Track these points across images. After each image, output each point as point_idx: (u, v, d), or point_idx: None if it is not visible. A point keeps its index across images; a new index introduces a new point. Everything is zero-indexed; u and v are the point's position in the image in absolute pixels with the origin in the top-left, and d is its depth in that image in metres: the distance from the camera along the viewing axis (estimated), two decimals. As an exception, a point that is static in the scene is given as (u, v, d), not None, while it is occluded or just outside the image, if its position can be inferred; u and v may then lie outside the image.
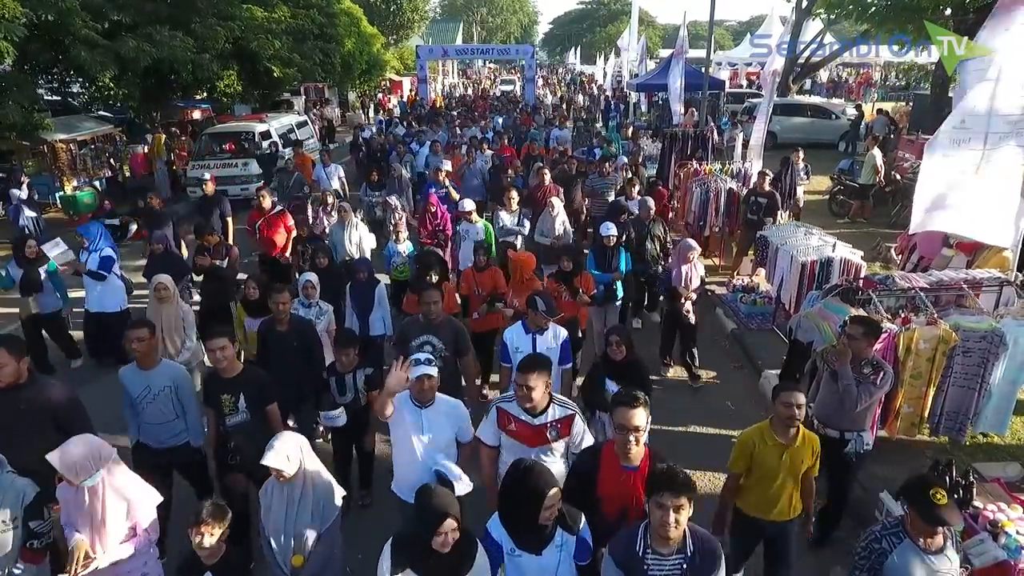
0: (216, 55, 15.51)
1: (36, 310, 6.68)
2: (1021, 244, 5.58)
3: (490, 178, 10.45)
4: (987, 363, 4.81)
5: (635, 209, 7.81)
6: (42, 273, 6.59)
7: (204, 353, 5.09)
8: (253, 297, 5.53)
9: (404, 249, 7.28)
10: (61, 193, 13.06)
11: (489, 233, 7.37)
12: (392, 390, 3.27)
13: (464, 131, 15.60)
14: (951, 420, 5.05)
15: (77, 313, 7.28)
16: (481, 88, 43.44)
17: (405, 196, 9.94)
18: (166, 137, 16.47)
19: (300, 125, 17.23)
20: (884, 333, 4.57)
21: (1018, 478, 4.61)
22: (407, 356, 4.43)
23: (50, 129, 12.94)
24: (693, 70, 16.62)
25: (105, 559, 3.12)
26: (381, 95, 33.56)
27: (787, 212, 9.47)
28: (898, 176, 12.19)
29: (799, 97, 22.65)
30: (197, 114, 20.69)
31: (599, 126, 20.95)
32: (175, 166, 15.73)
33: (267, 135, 15.02)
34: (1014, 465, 4.76)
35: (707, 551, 2.59)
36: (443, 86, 40.33)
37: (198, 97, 20.45)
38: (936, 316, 4.89)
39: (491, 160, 11.12)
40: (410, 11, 38.74)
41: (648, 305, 7.98)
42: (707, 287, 7.49)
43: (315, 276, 5.65)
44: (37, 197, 11.57)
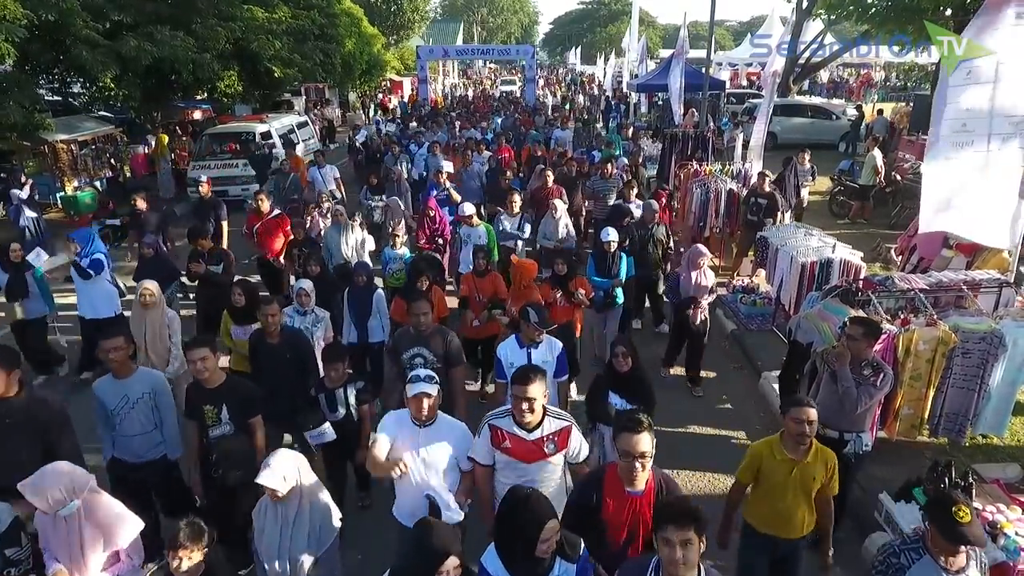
0: (217, 55, 15.51)
1: (23, 315, 6.52)
2: (1021, 245, 5.58)
3: (487, 180, 10.39)
4: (986, 364, 4.81)
5: (635, 212, 7.79)
6: (28, 278, 6.45)
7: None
8: (239, 304, 5.32)
9: (401, 254, 7.14)
10: (62, 193, 13.11)
11: (491, 237, 7.28)
12: (371, 465, 3.17)
13: (463, 132, 15.50)
14: (950, 421, 5.05)
15: (63, 318, 7.16)
16: (482, 88, 43.46)
17: (405, 199, 9.80)
18: (169, 138, 16.50)
19: (301, 125, 17.26)
20: (884, 334, 4.57)
21: (1017, 479, 4.62)
22: (402, 368, 4.35)
23: (51, 129, 12.94)
24: (693, 70, 16.63)
25: None
26: (381, 95, 33.59)
27: (790, 213, 9.46)
28: (898, 177, 12.19)
29: (799, 98, 22.64)
30: (198, 114, 20.74)
31: (599, 126, 20.95)
32: (179, 165, 15.75)
33: (267, 135, 15.02)
34: (1013, 466, 4.77)
35: None
36: (443, 86, 40.34)
37: (199, 97, 20.47)
38: (935, 317, 4.90)
39: (488, 162, 11.03)
40: (411, 11, 38.78)
41: (654, 317, 7.80)
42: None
43: (309, 284, 5.45)
44: (38, 197, 11.57)
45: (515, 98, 31.33)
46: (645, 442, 2.70)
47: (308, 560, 3.12)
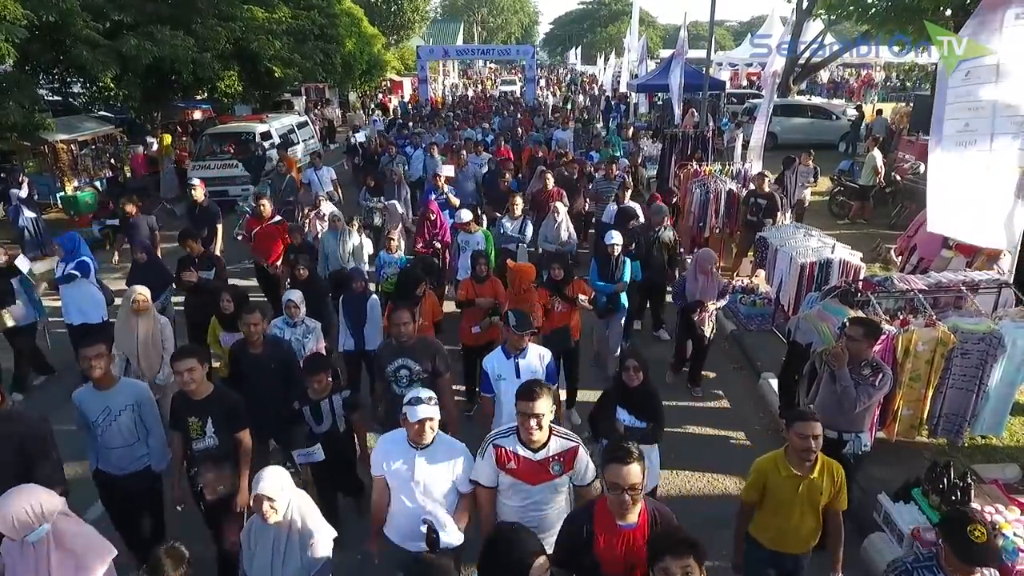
0: (217, 55, 15.53)
1: (12, 323, 6.32)
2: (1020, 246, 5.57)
3: (485, 182, 10.24)
4: (985, 365, 4.81)
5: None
6: (15, 284, 6.27)
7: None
8: (228, 311, 5.18)
9: (396, 259, 6.99)
10: (62, 193, 13.10)
11: (489, 242, 7.16)
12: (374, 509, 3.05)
13: (461, 132, 15.38)
14: (950, 422, 5.05)
15: (57, 323, 6.99)
16: (482, 88, 43.45)
17: (405, 201, 9.63)
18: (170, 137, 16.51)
19: (301, 125, 17.25)
20: (883, 335, 4.57)
21: (1016, 480, 4.62)
22: (387, 382, 4.24)
23: (51, 129, 12.94)
24: (693, 70, 16.63)
25: None
26: (381, 95, 33.60)
27: (790, 213, 9.46)
28: (898, 177, 12.19)
29: (799, 98, 22.65)
30: (198, 114, 20.75)
31: (599, 127, 20.94)
32: (180, 165, 15.75)
33: (267, 135, 15.02)
34: (1012, 467, 4.77)
35: None
36: (443, 86, 40.34)
37: (199, 97, 20.49)
38: (935, 318, 4.90)
39: (488, 164, 10.87)
40: (411, 11, 38.82)
41: (653, 321, 7.73)
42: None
43: (298, 294, 5.23)
44: (37, 197, 11.55)
45: (515, 98, 31.29)
46: (635, 474, 2.52)
47: None
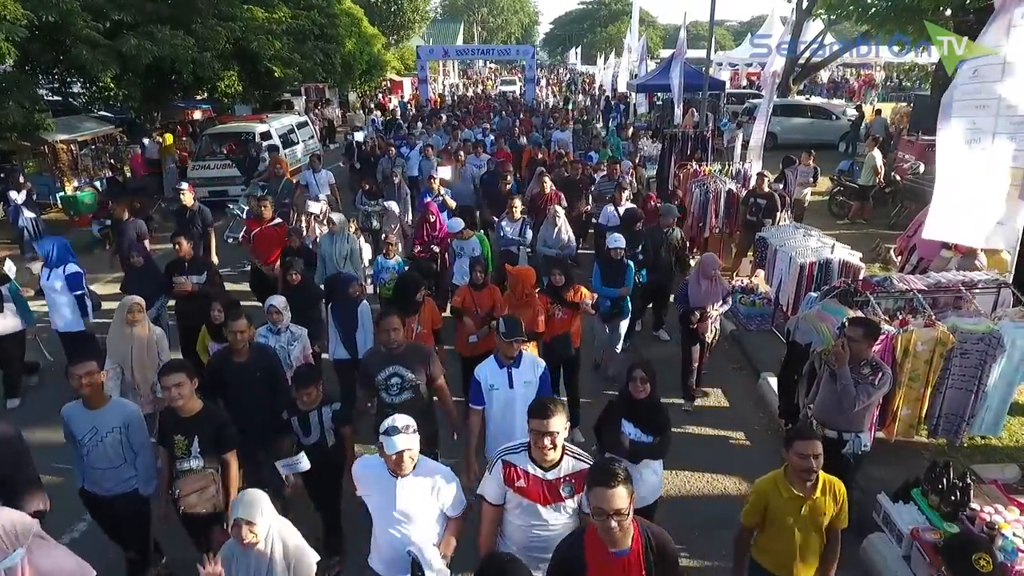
0: (217, 55, 15.53)
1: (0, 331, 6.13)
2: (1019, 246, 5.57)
3: (483, 183, 10.04)
4: (985, 365, 4.80)
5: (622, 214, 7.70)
6: (4, 291, 6.12)
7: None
8: (219, 320, 4.97)
9: (394, 264, 6.80)
10: (62, 193, 13.12)
11: (485, 247, 6.93)
12: None
13: (460, 133, 15.20)
14: (949, 422, 5.05)
15: (41, 328, 6.91)
16: (482, 88, 43.42)
17: (404, 203, 9.39)
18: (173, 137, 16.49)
19: (300, 125, 17.22)
20: (882, 335, 4.57)
21: (1015, 480, 4.61)
22: (376, 392, 4.06)
23: (51, 129, 12.95)
24: (693, 70, 16.63)
25: None
26: (381, 95, 33.60)
27: (789, 213, 9.46)
28: (898, 177, 12.19)
29: (799, 98, 22.66)
30: (198, 114, 20.76)
31: (599, 126, 20.94)
32: (182, 164, 15.73)
33: (267, 135, 15.00)
34: (1012, 467, 4.76)
35: None
36: (443, 86, 40.34)
37: (199, 97, 20.50)
38: (934, 318, 4.90)
39: (488, 165, 10.68)
40: (411, 11, 38.83)
41: (654, 322, 7.64)
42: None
43: (281, 300, 5.02)
44: (37, 197, 11.55)
45: (513, 99, 31.22)
46: (620, 498, 2.36)
47: None
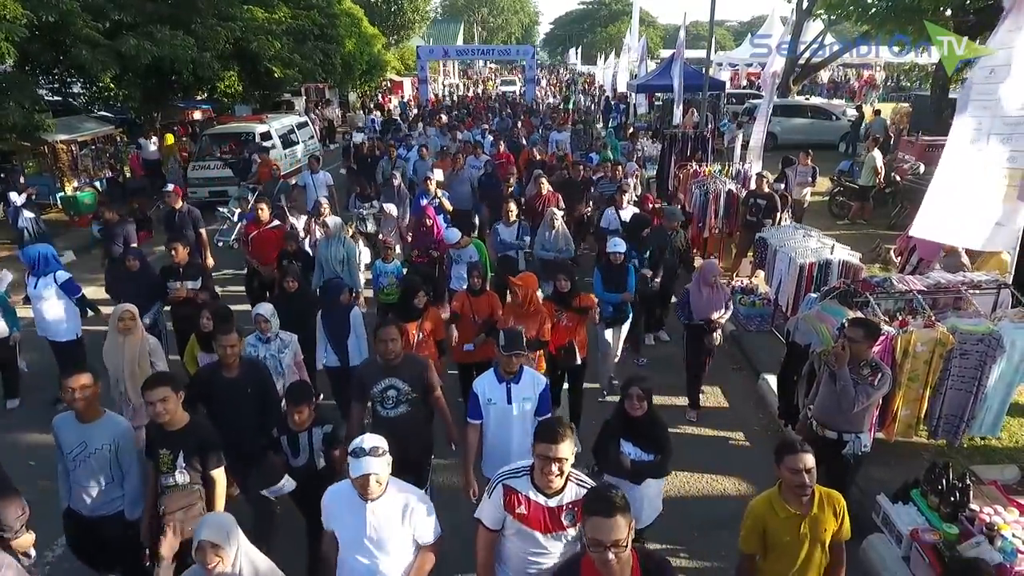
0: (217, 55, 15.52)
1: None
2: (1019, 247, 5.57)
3: (480, 185, 9.88)
4: (984, 366, 4.80)
5: (624, 217, 7.63)
6: None
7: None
8: (207, 329, 4.86)
9: (392, 268, 6.69)
10: (62, 194, 13.11)
11: (483, 253, 6.76)
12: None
13: (461, 134, 15.03)
14: (949, 423, 5.05)
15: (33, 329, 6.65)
16: (482, 88, 43.38)
17: (403, 206, 9.14)
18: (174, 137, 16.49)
19: (301, 126, 17.24)
20: (882, 335, 4.57)
21: (1015, 480, 4.62)
22: (368, 403, 3.92)
23: (51, 130, 12.94)
24: (693, 71, 16.63)
25: None
26: (381, 96, 33.59)
27: (788, 213, 9.46)
28: (898, 177, 12.19)
29: (799, 98, 22.66)
30: (198, 114, 20.76)
31: (599, 126, 20.93)
32: (183, 164, 15.74)
33: (267, 136, 15.01)
34: (1011, 468, 4.76)
35: None
36: (442, 87, 40.33)
37: (199, 98, 20.49)
38: (933, 319, 4.90)
39: (485, 167, 10.45)
40: (411, 11, 38.78)
41: (654, 323, 7.50)
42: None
43: (268, 308, 4.90)
44: (36, 198, 11.54)
45: (513, 99, 31.14)
46: (619, 528, 2.23)
47: None
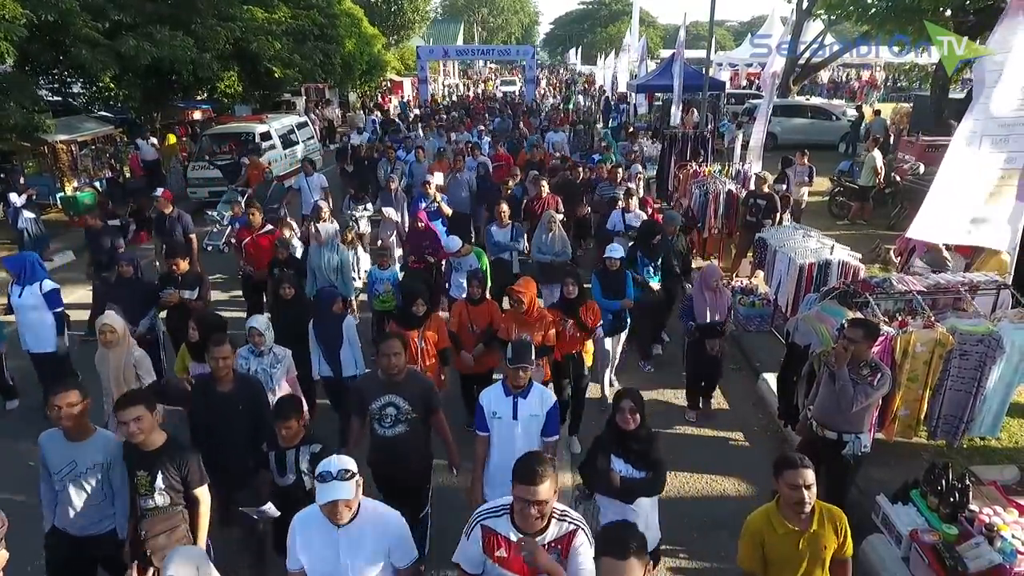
0: (217, 55, 15.52)
1: None
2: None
3: (478, 187, 9.74)
4: (984, 367, 4.80)
5: (635, 223, 7.50)
6: None
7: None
8: (193, 339, 4.73)
9: (389, 275, 6.53)
10: (62, 194, 13.11)
11: (483, 260, 6.61)
12: None
13: (458, 136, 14.86)
14: (948, 423, 5.04)
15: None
16: (484, 89, 43.32)
17: (400, 210, 9.01)
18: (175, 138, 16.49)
19: (301, 126, 17.24)
20: (881, 336, 4.57)
21: (1014, 481, 4.61)
22: (369, 421, 3.79)
23: (51, 130, 12.94)
24: (693, 71, 16.63)
25: None
26: (381, 96, 33.57)
27: (787, 212, 9.46)
28: (898, 178, 12.19)
29: (799, 98, 22.66)
30: (198, 115, 20.76)
31: (599, 126, 20.91)
32: (184, 164, 15.74)
33: (267, 136, 15.02)
34: (1011, 468, 4.76)
35: None
36: (442, 87, 40.31)
37: (199, 98, 20.49)
38: (933, 319, 4.89)
39: (479, 168, 10.28)
40: (411, 11, 38.76)
41: (654, 334, 7.23)
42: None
43: (263, 320, 4.74)
44: (36, 198, 11.53)
45: (513, 99, 31.09)
46: (633, 571, 2.15)
47: None
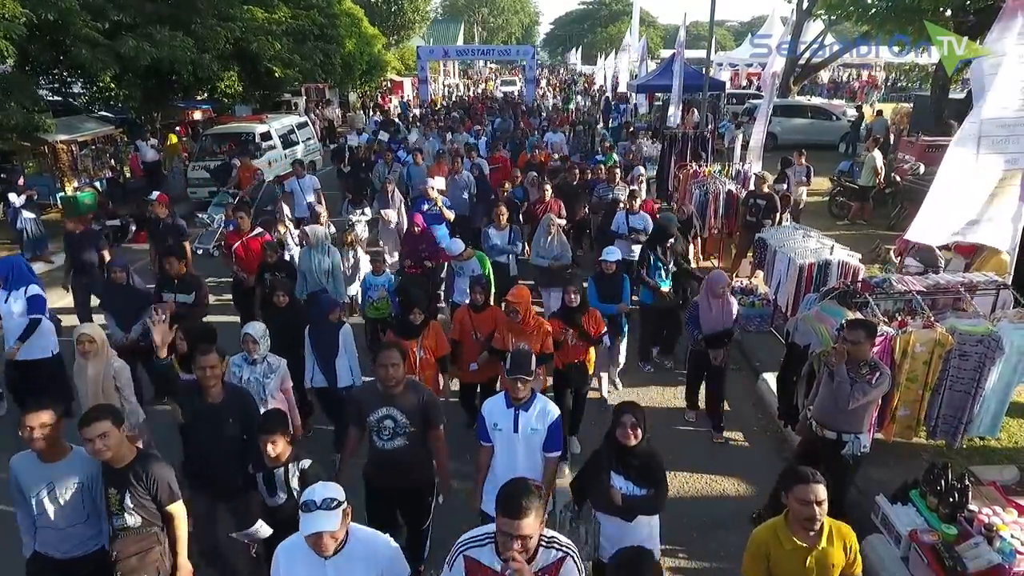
0: (217, 56, 15.52)
1: None
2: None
3: (476, 189, 9.61)
4: (983, 367, 4.79)
5: (639, 225, 7.45)
6: None
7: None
8: (182, 351, 4.53)
9: (383, 281, 6.39)
10: (62, 194, 13.10)
11: (486, 265, 6.41)
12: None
13: (456, 137, 14.75)
14: (947, 423, 5.05)
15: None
16: (482, 89, 43.31)
17: (397, 212, 8.93)
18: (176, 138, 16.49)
19: (301, 126, 17.24)
20: (880, 336, 4.57)
21: (1014, 481, 4.61)
22: (367, 433, 3.63)
23: (51, 130, 12.94)
24: (693, 71, 16.63)
25: None
26: (381, 96, 33.58)
27: (786, 212, 9.46)
28: (898, 178, 12.19)
29: (799, 98, 22.67)
30: (198, 115, 20.77)
31: (600, 127, 20.90)
32: (184, 164, 15.74)
33: (267, 136, 15.02)
34: (1010, 468, 4.76)
35: None
36: (442, 87, 40.32)
37: (199, 98, 20.50)
38: (933, 319, 4.90)
39: (473, 169, 10.11)
40: (411, 12, 38.78)
41: (663, 347, 7.07)
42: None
43: (259, 328, 4.57)
44: (36, 198, 11.54)
45: (513, 100, 31.05)
46: None
47: None
